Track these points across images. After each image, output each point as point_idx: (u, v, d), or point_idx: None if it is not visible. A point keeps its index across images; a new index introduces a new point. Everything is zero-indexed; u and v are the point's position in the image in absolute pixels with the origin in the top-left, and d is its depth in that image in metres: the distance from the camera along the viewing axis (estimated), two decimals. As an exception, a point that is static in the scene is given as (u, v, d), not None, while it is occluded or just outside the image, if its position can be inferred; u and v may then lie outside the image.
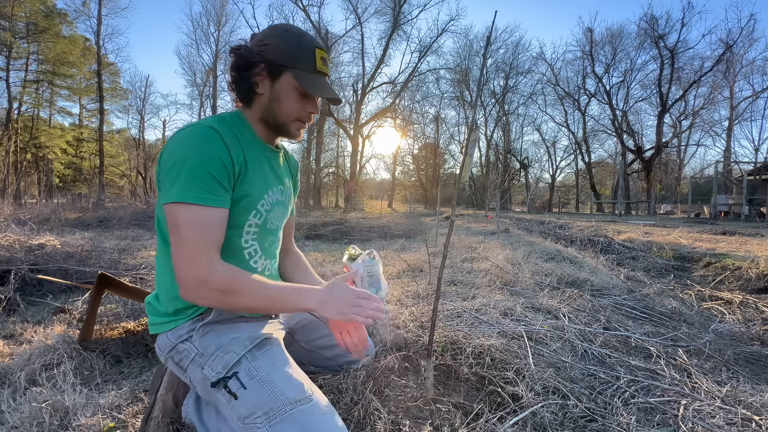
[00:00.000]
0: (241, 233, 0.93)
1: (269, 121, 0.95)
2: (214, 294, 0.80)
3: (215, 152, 0.81)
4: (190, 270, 0.79)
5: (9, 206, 7.77)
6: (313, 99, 0.95)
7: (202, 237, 0.79)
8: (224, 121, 0.91)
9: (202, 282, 0.79)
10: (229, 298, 0.81)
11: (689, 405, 1.04)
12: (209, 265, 0.79)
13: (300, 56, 0.89)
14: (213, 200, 0.80)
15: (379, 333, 1.42)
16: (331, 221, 8.63)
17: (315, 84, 0.91)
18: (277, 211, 1.01)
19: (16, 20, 21.03)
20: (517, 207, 36.76)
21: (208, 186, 0.80)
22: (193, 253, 0.79)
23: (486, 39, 1.15)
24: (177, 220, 0.79)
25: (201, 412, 0.99)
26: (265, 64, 0.89)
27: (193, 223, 0.79)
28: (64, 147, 27.01)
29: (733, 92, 24.22)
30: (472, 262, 3.03)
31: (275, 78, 0.91)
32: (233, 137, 0.88)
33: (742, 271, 3.10)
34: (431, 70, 27.93)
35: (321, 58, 0.92)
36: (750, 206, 14.81)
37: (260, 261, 1.00)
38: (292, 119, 0.94)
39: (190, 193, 0.78)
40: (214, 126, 0.84)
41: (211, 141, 0.82)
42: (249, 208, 0.92)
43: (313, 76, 0.91)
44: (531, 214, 16.97)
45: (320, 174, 27.78)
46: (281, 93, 0.91)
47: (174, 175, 0.80)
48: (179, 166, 0.79)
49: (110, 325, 1.84)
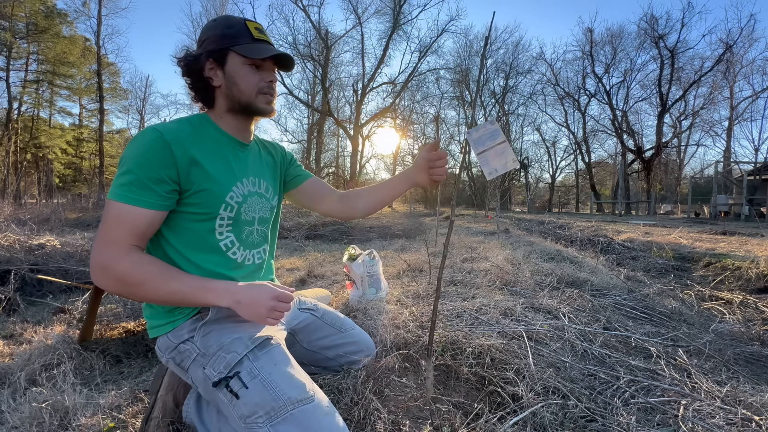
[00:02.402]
0: (214, 226, 0.95)
1: (236, 106, 0.97)
2: (113, 282, 0.83)
3: (151, 154, 0.84)
4: (97, 256, 0.83)
5: (9, 206, 7.78)
6: (267, 68, 0.97)
7: (116, 230, 0.83)
8: (182, 122, 0.94)
9: (103, 269, 0.82)
10: (128, 288, 0.84)
11: (689, 405, 1.04)
12: (114, 255, 0.82)
13: (234, 34, 0.93)
14: (135, 200, 0.83)
15: (379, 333, 1.42)
16: (331, 221, 8.62)
17: (257, 50, 0.93)
18: (251, 202, 1.02)
19: (16, 20, 21.04)
20: (517, 207, 36.76)
21: (135, 187, 0.83)
22: (104, 242, 0.83)
23: (485, 39, 1.15)
24: (105, 213, 0.85)
25: (201, 413, 0.99)
26: (209, 55, 0.93)
27: (112, 217, 0.84)
28: (64, 147, 27.01)
29: (733, 92, 24.22)
30: (472, 262, 3.03)
31: (223, 63, 0.94)
32: (186, 136, 0.90)
33: (742, 271, 3.10)
34: (431, 70, 27.90)
35: (255, 28, 0.96)
36: (750, 206, 14.81)
37: (239, 252, 1.00)
38: (255, 94, 0.96)
39: (116, 192, 0.83)
40: (158, 128, 0.87)
41: (150, 144, 0.85)
42: (215, 201, 0.93)
43: (253, 45, 0.94)
44: (531, 214, 16.97)
45: (320, 174, 27.75)
46: (234, 74, 0.94)
47: (116, 175, 0.86)
48: (120, 166, 0.86)
49: (110, 325, 1.84)
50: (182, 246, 0.93)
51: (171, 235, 0.93)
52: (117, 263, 0.82)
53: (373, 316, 1.63)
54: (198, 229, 0.93)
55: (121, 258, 0.82)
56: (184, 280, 0.86)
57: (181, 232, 0.93)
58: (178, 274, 0.87)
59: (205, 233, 0.94)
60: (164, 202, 0.87)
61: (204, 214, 0.93)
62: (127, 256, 0.83)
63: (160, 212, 0.87)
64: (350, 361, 1.21)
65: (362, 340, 1.26)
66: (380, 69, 24.87)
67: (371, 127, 28.39)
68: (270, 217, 1.11)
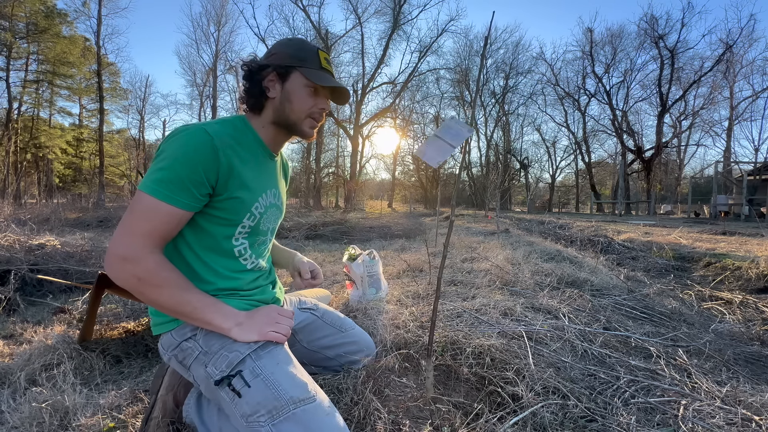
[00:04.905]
0: (234, 233, 0.96)
1: (281, 122, 0.99)
2: (130, 277, 0.82)
3: (197, 156, 0.83)
4: (119, 246, 0.81)
5: (9, 206, 7.78)
6: (323, 95, 1.00)
7: (145, 224, 0.82)
8: (226, 124, 0.93)
9: (125, 261, 0.81)
10: (143, 287, 0.82)
11: (689, 405, 1.04)
12: (138, 250, 0.81)
13: (305, 57, 0.96)
14: (170, 198, 0.82)
15: (379, 333, 1.42)
16: (331, 221, 8.63)
17: (322, 77, 0.96)
18: (270, 213, 1.04)
19: (16, 20, 21.04)
20: (517, 207, 36.77)
21: (173, 185, 0.82)
22: (129, 233, 0.82)
23: (485, 39, 1.16)
24: (134, 203, 0.84)
25: (202, 412, 0.99)
26: (273, 68, 0.96)
27: (143, 209, 0.82)
28: (64, 147, 27.02)
29: (733, 92, 24.25)
30: (472, 262, 3.03)
31: (284, 79, 0.96)
32: (231, 141, 0.90)
33: (742, 271, 3.10)
34: (431, 70, 27.94)
35: (324, 58, 1.00)
36: (750, 206, 14.82)
37: (250, 259, 1.02)
38: (304, 117, 0.98)
39: (152, 186, 0.82)
40: (208, 129, 0.86)
41: (198, 146, 0.84)
42: (243, 210, 0.94)
43: (319, 72, 0.97)
44: (531, 214, 16.97)
45: (320, 174, 27.76)
46: (291, 92, 0.96)
47: (153, 167, 0.84)
48: (160, 160, 0.84)
49: (110, 325, 1.84)
50: (197, 245, 0.93)
51: (189, 233, 0.93)
52: (141, 259, 0.81)
53: (373, 316, 1.63)
54: (216, 234, 0.94)
55: (146, 255, 0.81)
56: (198, 295, 0.87)
57: (199, 232, 0.93)
58: (193, 288, 0.87)
59: (222, 238, 0.95)
60: (197, 204, 0.87)
61: (228, 220, 0.93)
62: (152, 255, 0.82)
63: (190, 213, 0.87)
64: (350, 360, 1.21)
65: (362, 339, 1.26)
66: (380, 69, 24.92)
67: (371, 127, 28.40)
68: (277, 227, 1.14)
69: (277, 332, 0.89)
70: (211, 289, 0.93)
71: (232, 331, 0.86)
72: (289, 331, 0.92)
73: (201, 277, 0.93)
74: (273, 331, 0.89)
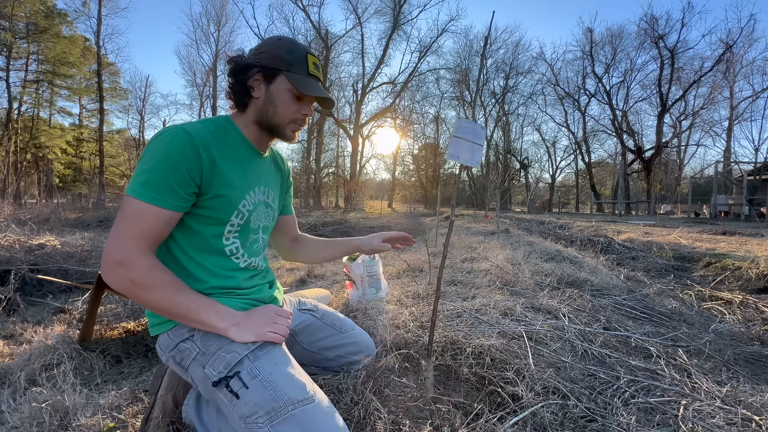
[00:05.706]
0: (223, 231, 0.96)
1: (264, 123, 0.99)
2: (125, 281, 0.82)
3: (178, 156, 0.84)
4: (113, 251, 0.82)
5: (9, 206, 7.78)
6: (307, 102, 1.00)
7: (136, 227, 0.83)
8: (207, 123, 0.93)
9: (119, 265, 0.82)
10: (137, 290, 0.83)
11: (689, 405, 1.04)
12: (130, 254, 0.82)
13: (292, 60, 0.95)
14: (156, 200, 0.83)
15: (379, 333, 1.42)
16: (331, 221, 8.63)
17: (307, 85, 0.96)
18: (260, 211, 1.03)
19: (16, 20, 21.03)
20: (517, 207, 36.78)
21: (158, 187, 0.83)
22: (122, 238, 0.82)
23: (485, 39, 1.16)
24: (123, 208, 0.84)
25: (201, 413, 0.99)
26: (260, 68, 0.95)
27: (132, 214, 0.83)
28: (64, 147, 27.01)
29: (733, 92, 24.25)
30: (472, 262, 3.03)
31: (270, 81, 0.96)
32: (211, 138, 0.90)
33: (742, 271, 3.10)
34: (431, 70, 27.96)
35: (313, 63, 0.99)
36: (750, 206, 14.82)
37: (242, 258, 1.01)
38: (287, 121, 0.99)
39: (138, 189, 0.82)
40: (188, 128, 0.87)
41: (179, 146, 0.84)
42: (229, 208, 0.94)
43: (305, 78, 0.97)
44: (531, 214, 16.97)
45: (320, 174, 27.76)
46: (276, 95, 0.96)
47: (138, 171, 0.85)
48: (143, 162, 0.84)
49: (110, 325, 1.84)
50: (188, 246, 0.94)
51: (179, 235, 0.93)
52: (134, 262, 0.82)
53: (373, 316, 1.63)
54: (206, 234, 0.93)
55: (138, 258, 0.82)
56: (193, 296, 0.87)
57: (188, 233, 0.93)
58: (187, 289, 0.87)
59: (211, 237, 0.95)
60: (184, 204, 0.87)
61: (216, 219, 0.93)
62: (144, 258, 0.83)
63: (178, 213, 0.88)
64: (350, 361, 1.21)
65: (362, 340, 1.26)
66: (380, 69, 24.95)
67: (371, 127, 28.42)
68: (271, 226, 1.13)
69: (274, 332, 0.88)
70: (206, 287, 0.93)
71: (229, 331, 0.86)
72: (287, 332, 0.92)
73: (194, 276, 0.93)
74: (270, 331, 0.88)
